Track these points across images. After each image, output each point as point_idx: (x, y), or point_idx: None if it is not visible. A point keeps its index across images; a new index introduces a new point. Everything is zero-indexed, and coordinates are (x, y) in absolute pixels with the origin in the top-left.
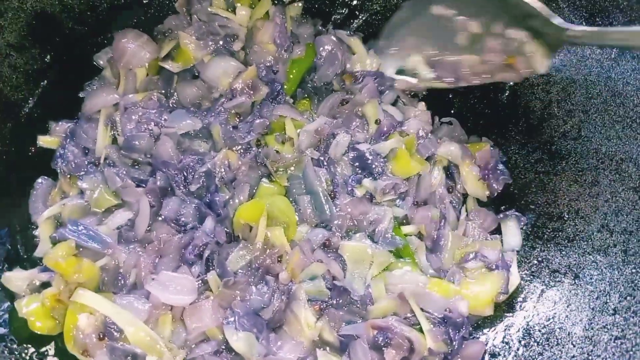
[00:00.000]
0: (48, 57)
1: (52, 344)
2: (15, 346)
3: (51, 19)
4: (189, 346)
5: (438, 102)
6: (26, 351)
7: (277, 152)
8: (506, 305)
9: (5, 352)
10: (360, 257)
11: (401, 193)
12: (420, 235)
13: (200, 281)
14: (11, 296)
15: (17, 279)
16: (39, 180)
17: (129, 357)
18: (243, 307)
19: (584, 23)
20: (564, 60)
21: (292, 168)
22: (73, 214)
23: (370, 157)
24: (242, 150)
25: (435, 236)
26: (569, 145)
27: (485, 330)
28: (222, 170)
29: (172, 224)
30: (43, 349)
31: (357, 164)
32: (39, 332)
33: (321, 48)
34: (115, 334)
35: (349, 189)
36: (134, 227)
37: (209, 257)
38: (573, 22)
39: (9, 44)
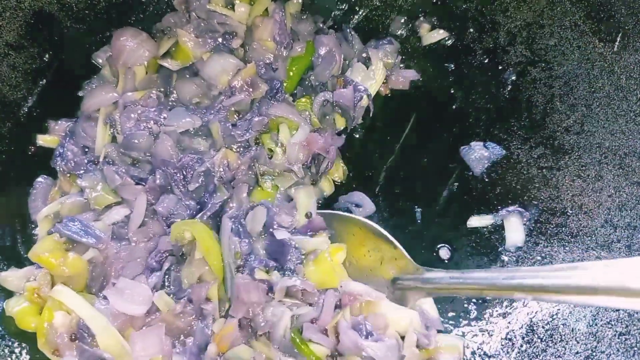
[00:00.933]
0: (47, 56)
1: None
2: (16, 344)
3: (49, 17)
4: None
5: (439, 97)
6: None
7: (271, 151)
8: (509, 302)
9: (6, 350)
10: None
11: (310, 304)
12: None
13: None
14: (10, 295)
15: (13, 277)
16: (39, 179)
17: None
18: (191, 348)
19: (586, 16)
20: (566, 53)
21: (275, 177)
22: (72, 212)
23: (287, 249)
24: (241, 149)
25: None
26: (572, 140)
27: (488, 328)
28: (221, 169)
29: (164, 222)
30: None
31: (271, 249)
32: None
33: (320, 47)
34: (87, 337)
35: (252, 266)
36: (127, 225)
37: (168, 270)
38: (578, 25)
39: (8, 43)
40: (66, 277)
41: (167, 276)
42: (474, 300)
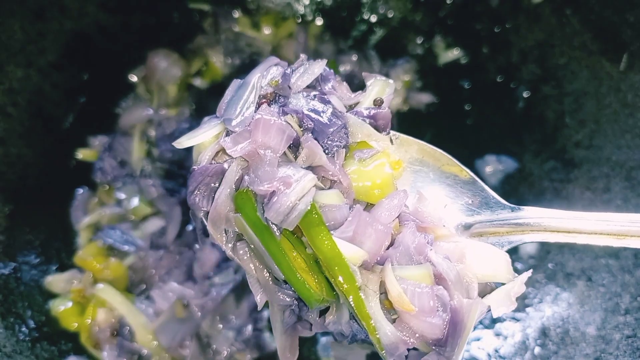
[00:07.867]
0: (85, 75)
1: None
2: (53, 342)
3: (88, 39)
4: None
5: (455, 112)
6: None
7: None
8: (523, 307)
9: (52, 348)
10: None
11: (334, 181)
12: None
13: None
14: (55, 298)
15: (58, 281)
16: (80, 190)
17: (135, 356)
18: None
19: (594, 37)
20: (575, 72)
21: None
22: (111, 222)
23: (333, 120)
24: None
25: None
26: (581, 153)
27: (502, 332)
28: None
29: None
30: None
31: (313, 110)
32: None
33: (341, 66)
34: (127, 333)
35: (279, 103)
36: (164, 235)
37: None
38: (586, 45)
39: (50, 63)
40: (108, 280)
41: None
42: None
